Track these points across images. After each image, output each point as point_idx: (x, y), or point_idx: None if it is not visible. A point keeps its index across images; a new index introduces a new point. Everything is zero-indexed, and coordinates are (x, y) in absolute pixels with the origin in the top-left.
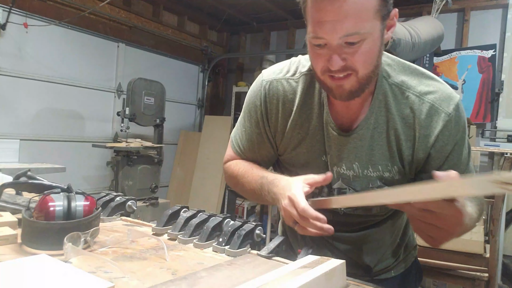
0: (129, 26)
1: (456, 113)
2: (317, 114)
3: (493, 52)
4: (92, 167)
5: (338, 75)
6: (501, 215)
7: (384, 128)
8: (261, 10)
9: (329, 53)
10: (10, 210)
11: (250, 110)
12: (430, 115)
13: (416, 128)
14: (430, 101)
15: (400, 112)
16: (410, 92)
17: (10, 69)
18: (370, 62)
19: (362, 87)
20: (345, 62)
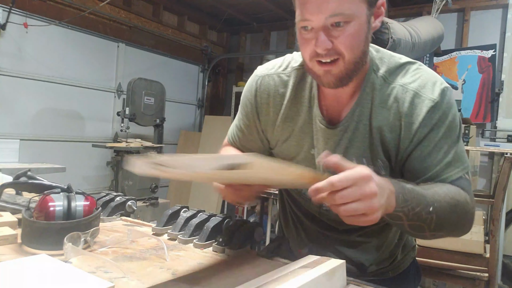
0: (129, 26)
1: (442, 99)
2: (307, 107)
3: (493, 52)
4: (92, 167)
5: (326, 59)
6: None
7: (368, 120)
8: (261, 10)
9: (315, 35)
10: (10, 210)
11: (243, 103)
12: (413, 102)
13: (401, 118)
14: (413, 89)
15: (385, 104)
16: (395, 83)
17: (10, 69)
18: (356, 46)
19: (349, 74)
20: (331, 44)
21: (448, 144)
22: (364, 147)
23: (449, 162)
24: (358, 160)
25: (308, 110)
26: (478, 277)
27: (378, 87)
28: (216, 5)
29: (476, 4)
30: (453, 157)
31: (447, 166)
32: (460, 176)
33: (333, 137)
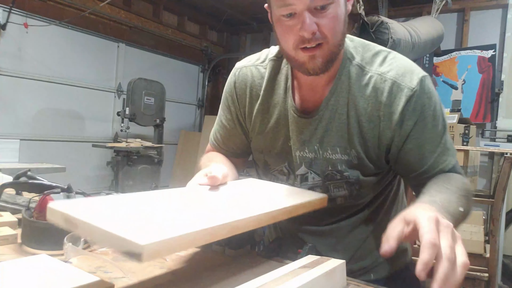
0: (129, 26)
1: (421, 88)
2: (282, 99)
3: (493, 52)
4: (92, 167)
5: (311, 44)
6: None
7: (344, 109)
8: (261, 10)
9: (300, 20)
10: (10, 210)
11: (223, 98)
12: (392, 92)
13: (380, 108)
14: (391, 78)
15: (363, 93)
16: (372, 72)
17: (10, 69)
18: (338, 29)
19: (333, 57)
20: (317, 28)
21: (436, 133)
22: (340, 137)
23: (442, 152)
24: (332, 150)
25: (284, 101)
26: (478, 277)
27: (354, 76)
28: (216, 5)
29: (476, 4)
30: (444, 146)
31: (441, 155)
32: (453, 165)
33: (308, 127)
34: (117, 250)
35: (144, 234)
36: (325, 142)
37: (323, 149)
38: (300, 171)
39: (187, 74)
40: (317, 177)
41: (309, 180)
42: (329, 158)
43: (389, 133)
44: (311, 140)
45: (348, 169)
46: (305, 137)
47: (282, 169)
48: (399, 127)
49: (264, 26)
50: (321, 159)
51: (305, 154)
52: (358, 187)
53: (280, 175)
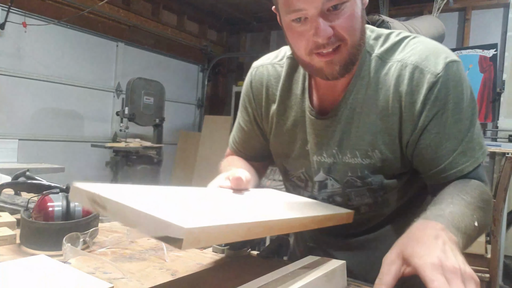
0: (128, 26)
1: (446, 73)
2: (299, 99)
3: (494, 52)
4: (91, 167)
5: (327, 49)
6: (502, 215)
7: (364, 107)
8: (261, 9)
9: (313, 25)
10: (9, 211)
11: (241, 100)
12: (413, 78)
13: (401, 98)
14: (413, 63)
15: (382, 85)
16: (392, 60)
17: (8, 69)
18: (356, 27)
19: (352, 59)
20: (332, 31)
21: (459, 129)
22: (359, 138)
23: (464, 151)
24: (351, 153)
25: (301, 102)
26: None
27: (373, 69)
28: (216, 4)
29: (477, 3)
30: (467, 144)
31: (462, 155)
32: (476, 167)
33: (325, 129)
34: (152, 234)
35: (186, 218)
36: (344, 145)
37: (342, 153)
38: (318, 177)
39: (186, 74)
40: (336, 184)
41: (328, 187)
42: (348, 162)
43: (410, 126)
44: (329, 143)
45: (370, 175)
46: (323, 140)
47: (300, 175)
48: (420, 118)
49: (264, 25)
50: (340, 164)
51: (323, 159)
52: (383, 193)
53: (299, 182)
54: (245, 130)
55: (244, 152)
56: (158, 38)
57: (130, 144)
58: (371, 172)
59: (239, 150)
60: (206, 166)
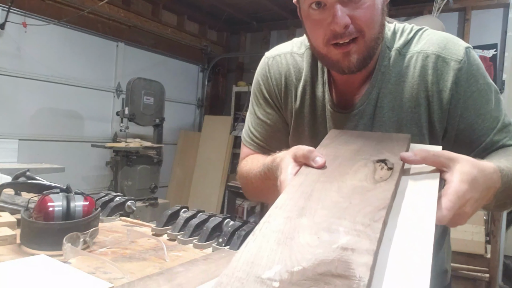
0: (128, 26)
1: (468, 58)
2: (321, 92)
3: (494, 52)
4: (91, 167)
5: (344, 40)
6: (502, 215)
7: (388, 102)
8: (261, 9)
9: (331, 13)
10: (9, 211)
11: (255, 93)
12: (437, 67)
13: (427, 87)
14: (434, 52)
15: (405, 78)
16: (410, 53)
17: (9, 69)
18: (375, 20)
19: (370, 53)
20: (350, 21)
21: (490, 108)
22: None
23: (500, 129)
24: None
25: (322, 95)
26: (479, 277)
27: (393, 64)
28: (215, 5)
29: (477, 4)
30: (502, 121)
31: (500, 133)
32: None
33: (346, 124)
34: None
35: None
36: None
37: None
38: None
39: (186, 74)
40: None
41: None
42: None
43: (441, 114)
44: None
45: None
46: None
47: None
48: (451, 105)
49: (264, 26)
50: None
51: None
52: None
53: None
54: (268, 123)
55: (270, 147)
56: (158, 38)
57: (130, 144)
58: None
59: (263, 146)
60: (206, 166)
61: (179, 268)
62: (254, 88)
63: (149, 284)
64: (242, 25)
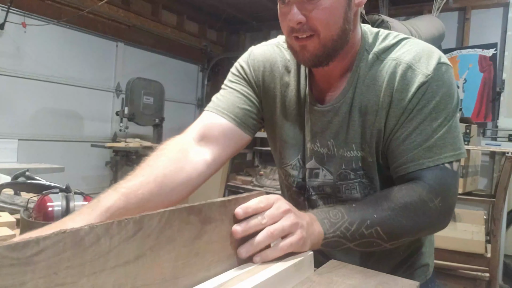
0: (128, 25)
1: (435, 75)
2: (303, 85)
3: (494, 51)
4: (91, 167)
5: (301, 35)
6: (502, 214)
7: (359, 101)
8: (261, 9)
9: (290, 7)
10: (9, 211)
11: (233, 71)
12: (405, 76)
13: (392, 93)
14: (406, 62)
15: (377, 81)
16: (388, 59)
17: (8, 69)
18: (333, 22)
19: (327, 52)
20: (304, 18)
21: (432, 127)
22: (356, 132)
23: (429, 147)
24: (347, 147)
25: (304, 88)
26: (479, 277)
27: (369, 66)
28: (215, 4)
29: (477, 3)
30: (436, 141)
31: (426, 150)
32: (437, 164)
33: (321, 118)
34: None
35: None
36: (340, 139)
37: (337, 146)
38: (309, 164)
39: (186, 74)
40: (329, 175)
41: (320, 177)
42: (344, 155)
43: (394, 121)
44: (323, 134)
45: (363, 168)
46: (317, 129)
47: (296, 162)
48: (402, 114)
49: (264, 25)
50: (336, 157)
51: (316, 147)
52: (373, 192)
53: (293, 171)
54: (239, 91)
55: (233, 114)
56: (157, 38)
57: (130, 144)
58: (363, 165)
59: (226, 111)
60: None
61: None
62: (232, 69)
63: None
64: (241, 24)
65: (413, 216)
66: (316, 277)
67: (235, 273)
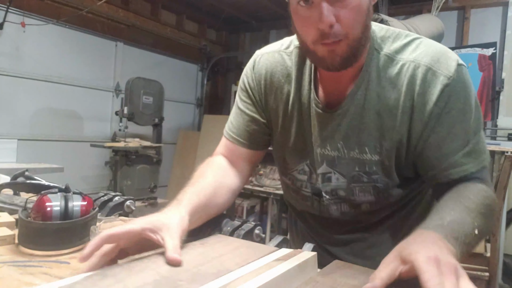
0: (127, 25)
1: (458, 76)
2: (307, 91)
3: (493, 50)
4: (91, 167)
5: (329, 35)
6: (502, 214)
7: (374, 104)
8: (261, 8)
9: (318, 10)
10: (8, 211)
11: (240, 85)
12: (426, 79)
13: (413, 97)
14: (426, 64)
15: (394, 84)
16: (403, 60)
17: (7, 69)
18: (360, 21)
19: (354, 53)
20: (335, 20)
21: (465, 130)
22: (369, 134)
23: (469, 153)
24: (360, 149)
25: (308, 94)
26: (479, 276)
27: (382, 67)
28: (215, 4)
29: (476, 2)
30: (473, 146)
31: (466, 156)
32: (480, 169)
33: (330, 122)
34: None
35: None
36: (351, 140)
37: (348, 148)
38: (321, 169)
39: (185, 73)
40: (342, 178)
41: (333, 180)
42: (356, 158)
43: (420, 126)
44: (333, 137)
45: (378, 172)
46: (327, 133)
47: (304, 167)
48: (430, 118)
49: (263, 25)
50: (346, 159)
51: (326, 151)
52: (387, 195)
53: (301, 175)
54: (246, 112)
55: (243, 138)
56: (157, 37)
57: (130, 144)
58: (379, 169)
59: (237, 136)
60: None
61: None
62: (240, 82)
63: (148, 265)
64: (241, 24)
65: (489, 220)
66: (319, 277)
67: (239, 274)
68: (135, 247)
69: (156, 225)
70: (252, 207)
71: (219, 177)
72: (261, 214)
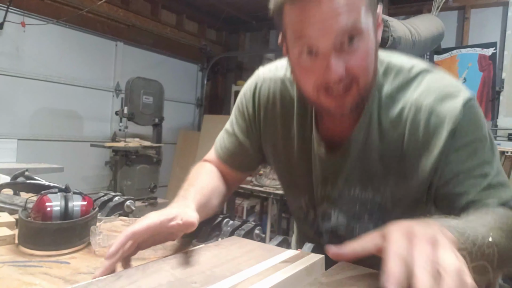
0: (127, 25)
1: (465, 115)
2: (309, 125)
3: (493, 50)
4: (91, 167)
5: (338, 88)
6: None
7: (376, 144)
8: (261, 8)
9: (324, 62)
10: (8, 211)
11: (238, 104)
12: (429, 124)
13: (418, 145)
14: (428, 106)
15: (395, 126)
16: (404, 101)
17: (7, 69)
18: (370, 66)
19: (364, 99)
20: (345, 72)
21: (477, 163)
22: (369, 176)
23: (485, 188)
24: (362, 188)
25: (309, 130)
26: None
27: (383, 107)
28: (215, 4)
29: (476, 2)
30: (493, 177)
31: (483, 191)
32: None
33: (332, 161)
34: None
35: None
36: (354, 180)
37: (349, 186)
38: (321, 208)
39: (185, 73)
40: (342, 217)
41: (332, 219)
42: (357, 196)
43: (428, 168)
44: (335, 176)
45: (380, 214)
46: (328, 172)
47: (301, 204)
48: (440, 160)
49: (263, 25)
50: (348, 197)
51: (327, 191)
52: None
53: (298, 212)
54: (239, 138)
55: (232, 162)
56: (157, 37)
57: (130, 144)
58: (380, 210)
59: (226, 159)
60: None
61: (191, 252)
62: (238, 101)
63: (163, 267)
64: (241, 24)
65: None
66: (324, 278)
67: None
68: (146, 242)
69: (172, 213)
70: (252, 207)
71: (213, 181)
72: (261, 214)
